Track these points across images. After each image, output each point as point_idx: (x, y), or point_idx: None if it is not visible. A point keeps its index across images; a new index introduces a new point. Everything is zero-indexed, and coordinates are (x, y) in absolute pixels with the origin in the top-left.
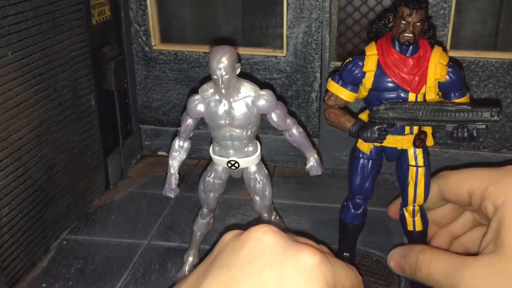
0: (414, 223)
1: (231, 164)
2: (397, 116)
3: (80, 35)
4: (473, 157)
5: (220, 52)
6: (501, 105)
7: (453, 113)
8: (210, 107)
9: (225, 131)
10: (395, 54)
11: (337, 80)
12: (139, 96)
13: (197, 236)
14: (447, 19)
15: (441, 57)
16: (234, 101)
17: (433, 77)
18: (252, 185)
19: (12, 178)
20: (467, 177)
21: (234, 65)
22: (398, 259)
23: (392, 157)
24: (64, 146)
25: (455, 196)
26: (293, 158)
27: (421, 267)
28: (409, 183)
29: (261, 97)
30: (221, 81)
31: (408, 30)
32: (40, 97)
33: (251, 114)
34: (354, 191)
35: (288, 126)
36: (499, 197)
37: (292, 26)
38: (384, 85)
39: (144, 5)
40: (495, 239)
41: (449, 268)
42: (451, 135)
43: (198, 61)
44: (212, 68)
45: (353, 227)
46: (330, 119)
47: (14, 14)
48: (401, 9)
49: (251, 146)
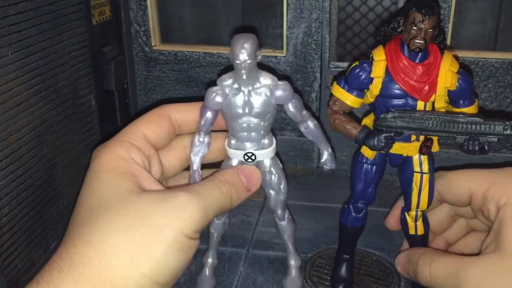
0: (416, 227)
1: (247, 157)
2: (405, 125)
3: (80, 35)
4: (473, 158)
5: (243, 37)
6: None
7: (465, 125)
8: (228, 97)
9: (242, 121)
10: (404, 60)
11: (342, 85)
12: (139, 96)
13: (214, 237)
14: (447, 19)
15: (452, 64)
16: (253, 89)
17: (443, 85)
18: (267, 179)
19: (12, 178)
20: (467, 179)
21: (255, 51)
22: (404, 264)
23: (396, 163)
24: (64, 146)
25: (454, 197)
26: (293, 158)
27: (422, 270)
28: (413, 189)
29: (279, 87)
30: (244, 66)
31: (419, 37)
32: (40, 97)
33: (269, 103)
34: (356, 196)
35: (304, 118)
36: (501, 199)
37: (292, 26)
38: (392, 92)
39: (144, 5)
40: (496, 238)
41: (451, 268)
42: (461, 146)
43: (198, 61)
44: (235, 54)
45: (354, 231)
46: (335, 125)
47: (14, 14)
48: (413, 14)
49: (267, 138)
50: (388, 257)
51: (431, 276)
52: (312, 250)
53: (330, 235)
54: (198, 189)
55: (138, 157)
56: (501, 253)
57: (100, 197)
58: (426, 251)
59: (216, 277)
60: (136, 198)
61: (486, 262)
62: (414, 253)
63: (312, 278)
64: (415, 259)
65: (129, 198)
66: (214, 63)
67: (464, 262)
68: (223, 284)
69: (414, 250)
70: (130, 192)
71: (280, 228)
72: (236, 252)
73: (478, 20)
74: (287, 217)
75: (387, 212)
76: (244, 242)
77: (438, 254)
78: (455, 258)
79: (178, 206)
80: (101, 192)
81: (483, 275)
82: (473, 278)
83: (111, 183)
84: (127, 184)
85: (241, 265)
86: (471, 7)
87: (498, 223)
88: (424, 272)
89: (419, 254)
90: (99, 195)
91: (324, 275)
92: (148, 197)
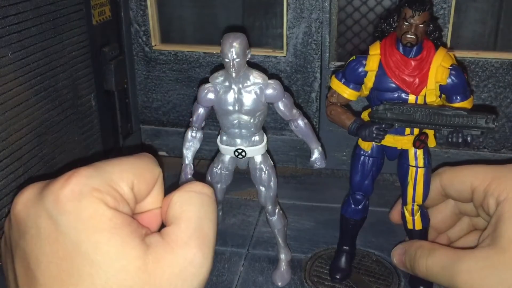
0: (413, 221)
1: (238, 153)
2: (395, 117)
3: (80, 35)
4: (473, 157)
5: (231, 37)
6: (497, 112)
7: (449, 118)
8: (219, 94)
9: (233, 118)
10: (398, 55)
11: (340, 78)
12: (139, 96)
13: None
14: (447, 19)
15: (444, 59)
16: (243, 88)
17: (434, 79)
18: (257, 175)
19: (12, 178)
20: (470, 173)
21: (245, 50)
22: (400, 256)
23: (393, 156)
24: (64, 146)
25: (457, 192)
26: (293, 158)
27: (419, 261)
28: (409, 183)
29: (269, 85)
30: (232, 65)
31: (410, 32)
32: (40, 97)
33: (259, 101)
34: (354, 187)
35: (294, 116)
36: (502, 194)
37: (292, 26)
38: (384, 85)
39: (144, 5)
40: (493, 232)
41: (446, 261)
42: (446, 139)
43: (198, 61)
44: (224, 52)
45: (353, 222)
46: (331, 116)
47: (14, 14)
48: (404, 10)
49: (257, 135)
50: (388, 257)
51: (427, 269)
52: (312, 250)
53: (330, 235)
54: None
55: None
56: (496, 247)
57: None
58: (423, 243)
59: (216, 277)
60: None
61: (480, 255)
62: (411, 245)
63: (312, 278)
64: (412, 251)
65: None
66: (214, 63)
67: (459, 255)
68: (223, 284)
69: (411, 243)
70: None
71: (271, 223)
72: (236, 252)
73: (478, 20)
74: (278, 213)
75: (387, 212)
76: (244, 242)
77: (434, 247)
78: (451, 251)
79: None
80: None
81: (477, 268)
82: (467, 271)
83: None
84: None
85: (241, 265)
86: (471, 7)
87: (496, 218)
88: (420, 264)
89: (416, 247)
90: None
91: (324, 275)
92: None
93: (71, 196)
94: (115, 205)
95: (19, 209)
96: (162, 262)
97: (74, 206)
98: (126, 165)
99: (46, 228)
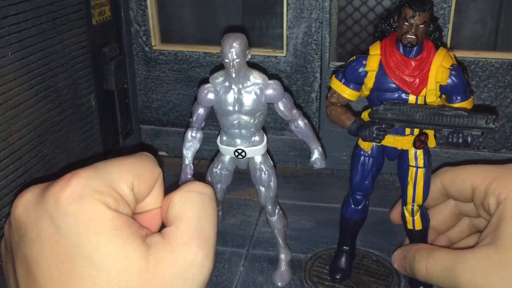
0: (413, 222)
1: (238, 153)
2: (395, 117)
3: (80, 35)
4: (472, 157)
5: (231, 37)
6: (497, 112)
7: (450, 118)
8: (219, 94)
9: (233, 118)
10: (398, 55)
11: (340, 78)
12: (139, 96)
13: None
14: (447, 19)
15: (444, 59)
16: (243, 88)
17: (434, 80)
18: (257, 175)
19: (12, 178)
20: (471, 173)
21: (245, 50)
22: (400, 260)
23: (393, 156)
24: (64, 146)
25: (458, 191)
26: (293, 158)
27: (419, 265)
28: (408, 183)
29: (269, 86)
30: (232, 65)
31: (410, 32)
32: (40, 97)
33: (259, 102)
34: (354, 187)
35: (294, 117)
36: (502, 193)
37: (292, 26)
38: (385, 85)
39: (144, 5)
40: (494, 231)
41: (446, 262)
42: (446, 139)
43: (198, 61)
44: (224, 52)
45: (353, 222)
46: (331, 116)
47: (14, 14)
48: (405, 10)
49: (257, 136)
50: (388, 257)
51: (427, 271)
52: (312, 250)
53: (330, 235)
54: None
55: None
56: (497, 246)
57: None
58: (422, 246)
59: (216, 277)
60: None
61: (482, 254)
62: (410, 249)
63: (312, 278)
64: (411, 255)
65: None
66: (214, 63)
67: (460, 255)
68: (223, 284)
69: (410, 246)
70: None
71: (271, 223)
72: (236, 252)
73: (478, 20)
74: (277, 213)
75: (387, 212)
76: (244, 242)
77: (434, 249)
78: (451, 252)
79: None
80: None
81: (478, 268)
82: (468, 271)
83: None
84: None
85: (241, 265)
86: (471, 7)
87: (496, 217)
88: (420, 267)
89: (415, 250)
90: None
91: (324, 275)
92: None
93: (72, 198)
94: (116, 206)
95: (19, 211)
96: (163, 262)
97: (74, 208)
98: (126, 166)
99: (47, 231)
